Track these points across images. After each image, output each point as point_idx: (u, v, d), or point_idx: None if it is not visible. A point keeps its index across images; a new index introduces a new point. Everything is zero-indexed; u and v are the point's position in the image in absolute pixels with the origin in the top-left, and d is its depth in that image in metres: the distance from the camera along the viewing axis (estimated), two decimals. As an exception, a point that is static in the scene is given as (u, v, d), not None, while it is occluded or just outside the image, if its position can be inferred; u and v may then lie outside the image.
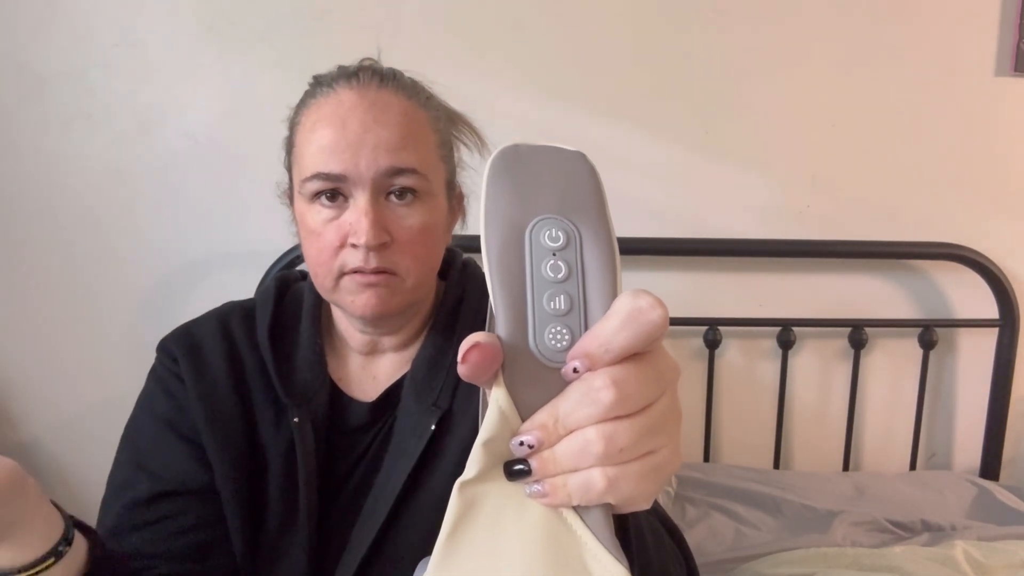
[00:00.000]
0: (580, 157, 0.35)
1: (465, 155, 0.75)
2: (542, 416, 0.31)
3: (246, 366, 0.70)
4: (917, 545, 1.14)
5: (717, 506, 1.29)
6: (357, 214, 0.62)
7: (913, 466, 1.53)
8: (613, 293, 0.32)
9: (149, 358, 0.72)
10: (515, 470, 0.31)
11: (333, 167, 0.61)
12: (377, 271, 0.62)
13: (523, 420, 0.31)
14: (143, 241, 1.40)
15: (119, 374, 1.41)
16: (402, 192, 0.63)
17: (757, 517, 1.26)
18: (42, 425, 1.46)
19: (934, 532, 1.21)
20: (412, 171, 0.63)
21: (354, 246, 0.62)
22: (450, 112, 0.74)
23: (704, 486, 1.35)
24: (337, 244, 0.63)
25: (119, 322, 1.42)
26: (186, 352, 0.69)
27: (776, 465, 1.51)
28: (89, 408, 1.45)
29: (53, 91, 1.34)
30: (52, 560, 0.47)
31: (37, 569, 0.46)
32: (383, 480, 0.66)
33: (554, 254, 0.32)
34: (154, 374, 0.71)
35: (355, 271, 0.63)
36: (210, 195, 1.39)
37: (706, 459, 1.51)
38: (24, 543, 0.46)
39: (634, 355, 0.30)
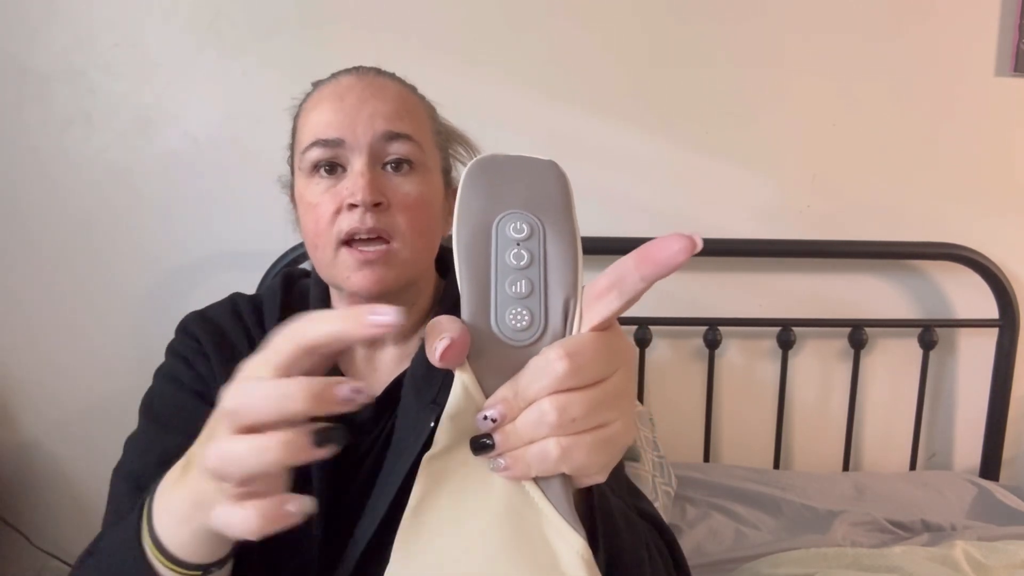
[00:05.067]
0: (551, 164, 0.37)
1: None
2: (504, 391, 0.33)
3: None
4: (917, 545, 1.14)
5: (717, 506, 1.28)
6: (353, 177, 0.63)
7: (913, 466, 1.53)
8: (573, 280, 0.35)
9: (150, 357, 0.72)
10: (480, 444, 0.33)
11: (331, 133, 0.64)
12: (373, 232, 0.63)
13: (487, 396, 0.33)
14: (143, 241, 1.40)
15: (119, 374, 1.41)
16: (398, 164, 0.65)
17: (757, 517, 1.26)
18: (42, 425, 1.46)
19: (934, 532, 1.21)
20: (407, 137, 0.65)
21: (351, 207, 0.63)
22: (449, 128, 0.75)
23: (704, 486, 1.35)
24: (334, 209, 0.64)
25: (119, 322, 1.42)
26: (210, 334, 0.70)
27: (776, 465, 1.51)
28: (89, 408, 1.44)
29: (53, 91, 1.34)
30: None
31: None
32: (384, 476, 0.67)
33: (518, 244, 0.35)
34: (175, 352, 0.71)
35: (351, 236, 0.64)
36: (210, 195, 1.39)
37: (706, 459, 1.51)
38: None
39: (590, 331, 0.32)
